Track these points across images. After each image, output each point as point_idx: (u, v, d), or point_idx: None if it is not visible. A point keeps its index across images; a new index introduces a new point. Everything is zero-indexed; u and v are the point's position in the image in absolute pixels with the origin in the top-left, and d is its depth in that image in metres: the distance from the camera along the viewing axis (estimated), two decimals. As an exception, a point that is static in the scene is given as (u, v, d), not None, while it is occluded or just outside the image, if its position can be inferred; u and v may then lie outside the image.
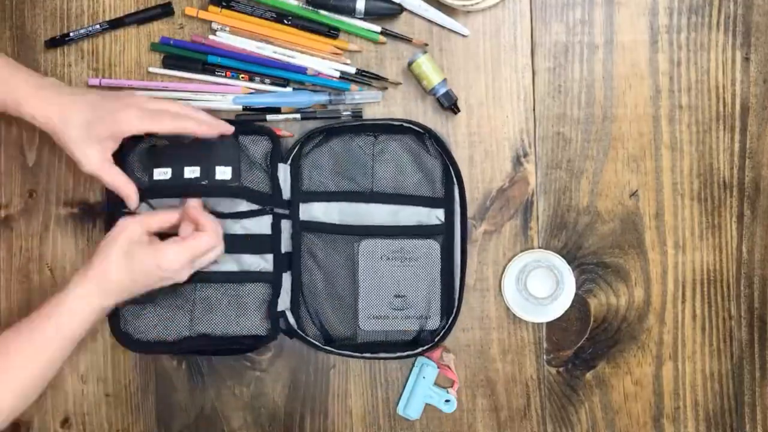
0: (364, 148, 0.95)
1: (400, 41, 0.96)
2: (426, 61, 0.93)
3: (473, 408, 0.98)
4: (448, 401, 0.96)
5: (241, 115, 0.95)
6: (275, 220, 0.92)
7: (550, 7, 0.97)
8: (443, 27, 0.96)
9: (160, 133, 0.87)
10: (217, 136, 0.88)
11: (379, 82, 0.96)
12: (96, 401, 0.97)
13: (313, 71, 0.95)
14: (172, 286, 0.87)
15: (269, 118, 0.96)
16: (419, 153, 0.95)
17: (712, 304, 0.97)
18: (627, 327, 0.98)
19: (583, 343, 0.98)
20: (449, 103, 0.95)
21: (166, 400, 0.97)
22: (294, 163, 0.94)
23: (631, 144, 0.97)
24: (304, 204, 0.94)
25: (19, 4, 0.96)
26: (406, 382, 0.97)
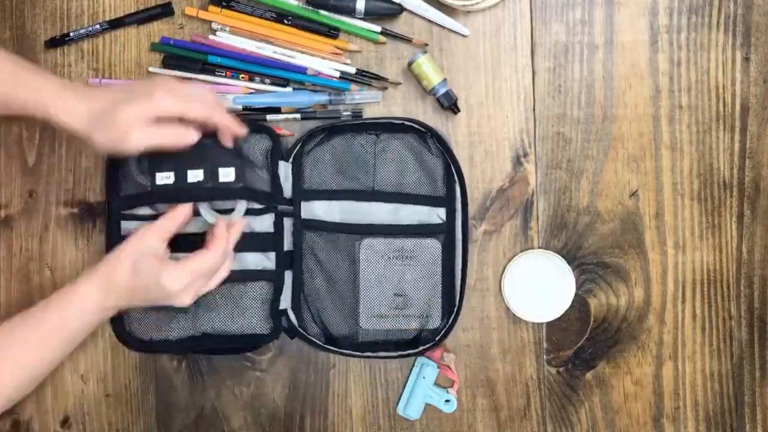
0: (365, 146, 0.95)
1: (400, 41, 0.96)
2: (426, 61, 0.93)
3: (473, 408, 0.98)
4: (448, 401, 0.96)
5: (242, 115, 0.95)
6: (278, 218, 0.92)
7: (550, 7, 0.97)
8: (443, 27, 0.96)
9: (190, 118, 0.84)
10: (235, 135, 0.87)
11: (379, 82, 0.96)
12: (96, 401, 0.97)
13: (313, 71, 0.95)
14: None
15: (269, 118, 0.96)
16: (421, 152, 0.95)
17: (712, 304, 0.97)
18: (627, 327, 0.98)
19: (583, 343, 0.98)
20: (449, 103, 0.95)
21: (166, 400, 0.97)
22: (295, 161, 0.94)
23: (631, 144, 0.97)
24: (305, 202, 0.94)
25: (19, 4, 0.96)
26: (406, 382, 0.97)
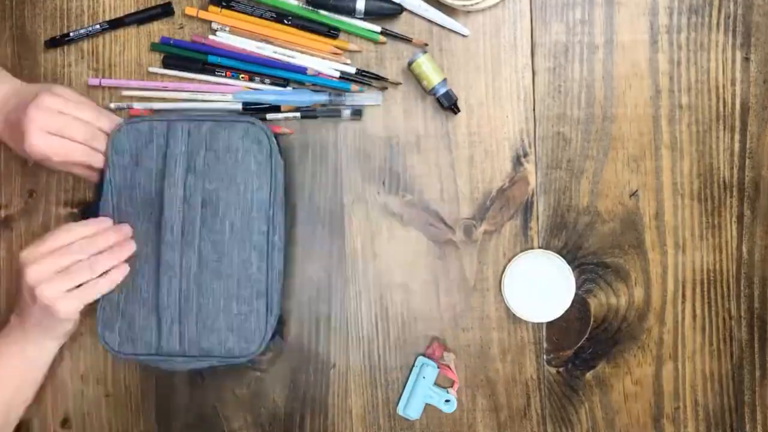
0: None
1: (400, 41, 0.96)
2: (426, 61, 0.93)
3: (473, 408, 0.98)
4: (448, 401, 0.96)
5: (242, 114, 0.95)
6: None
7: (550, 7, 0.97)
8: (443, 27, 0.96)
9: (76, 116, 0.85)
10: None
11: (379, 82, 0.96)
12: (96, 401, 0.97)
13: (313, 71, 0.95)
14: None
15: (269, 117, 0.96)
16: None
17: (712, 304, 0.97)
18: (627, 327, 0.98)
19: (583, 343, 0.98)
20: (449, 103, 0.95)
21: (166, 400, 0.97)
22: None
23: (631, 144, 0.97)
24: None
25: (19, 4, 0.97)
26: (406, 382, 0.97)
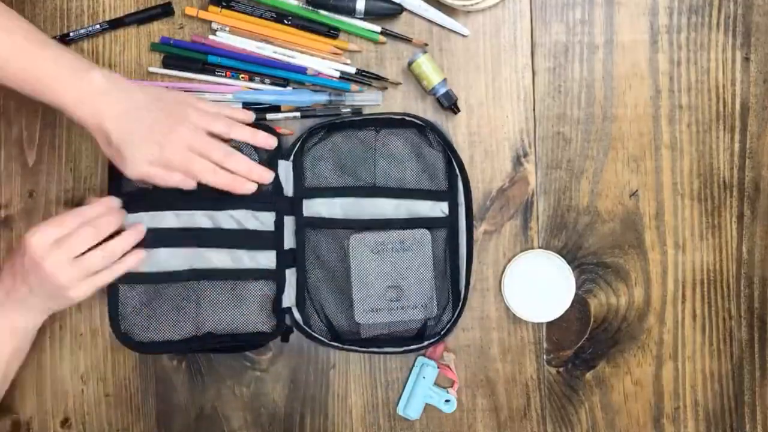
0: (365, 142, 0.95)
1: (400, 41, 0.96)
2: (426, 61, 0.93)
3: (473, 408, 0.98)
4: (448, 401, 0.96)
5: (241, 115, 0.95)
6: (278, 216, 0.92)
7: (550, 7, 0.97)
8: (443, 27, 0.96)
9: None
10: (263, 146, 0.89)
11: (379, 82, 0.96)
12: (96, 401, 0.97)
13: (313, 71, 0.95)
14: (176, 287, 0.89)
15: (269, 116, 0.96)
16: (420, 146, 0.95)
17: (712, 304, 0.97)
18: (627, 327, 0.97)
19: (583, 343, 0.98)
20: (449, 103, 0.95)
21: (166, 400, 0.97)
22: (296, 159, 0.94)
23: (631, 144, 0.97)
24: (307, 200, 0.94)
25: (19, 4, 0.96)
26: (406, 382, 0.97)
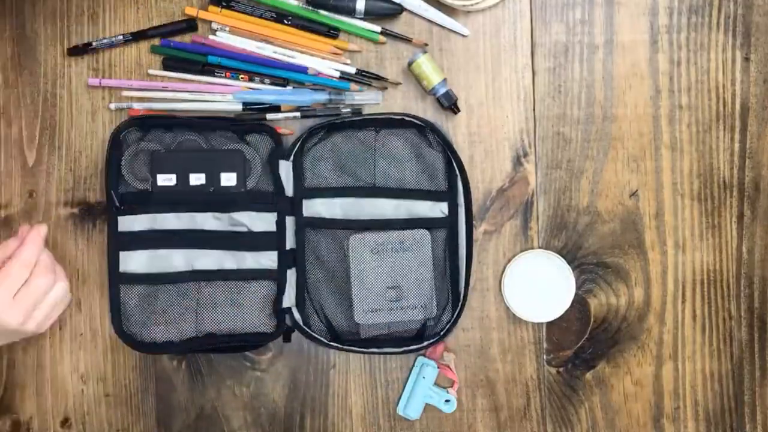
0: (365, 142, 0.95)
1: (400, 41, 0.96)
2: (426, 61, 0.93)
3: (473, 408, 0.98)
4: (448, 401, 0.96)
5: (242, 114, 0.95)
6: (280, 217, 0.92)
7: (550, 7, 0.97)
8: (443, 27, 0.96)
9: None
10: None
11: (379, 82, 0.96)
12: (96, 401, 0.97)
13: (313, 71, 0.95)
14: (177, 288, 0.90)
15: (269, 116, 0.96)
16: (420, 146, 0.95)
17: (712, 304, 0.97)
18: (627, 327, 0.97)
19: (583, 343, 0.98)
20: (449, 103, 0.95)
21: (166, 400, 0.97)
22: (296, 159, 0.94)
23: (631, 144, 0.97)
24: (307, 200, 0.94)
25: (19, 4, 0.96)
26: (406, 382, 0.97)
